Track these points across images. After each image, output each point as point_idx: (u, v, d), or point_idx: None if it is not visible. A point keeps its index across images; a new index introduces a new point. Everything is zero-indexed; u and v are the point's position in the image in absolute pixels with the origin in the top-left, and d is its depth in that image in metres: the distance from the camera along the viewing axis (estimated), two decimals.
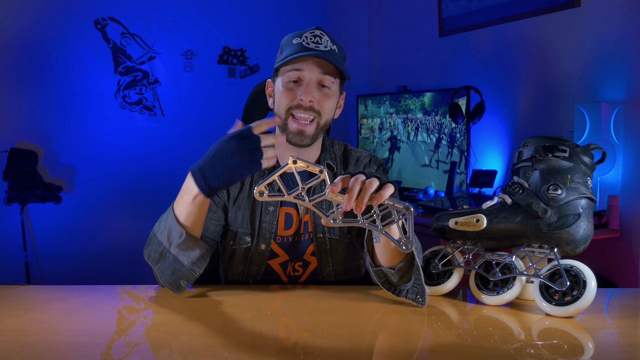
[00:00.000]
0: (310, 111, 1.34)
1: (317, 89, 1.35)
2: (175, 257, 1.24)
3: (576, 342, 1.04)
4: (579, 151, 1.19)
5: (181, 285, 1.26)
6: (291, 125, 1.35)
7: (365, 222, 1.07)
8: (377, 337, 1.07)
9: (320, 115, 1.36)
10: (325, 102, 1.36)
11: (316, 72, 1.34)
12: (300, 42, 1.34)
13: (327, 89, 1.36)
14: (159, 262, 1.26)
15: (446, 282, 1.27)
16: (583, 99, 2.62)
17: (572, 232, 1.16)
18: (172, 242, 1.24)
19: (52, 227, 3.58)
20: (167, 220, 1.26)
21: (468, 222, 1.25)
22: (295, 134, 1.35)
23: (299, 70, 1.34)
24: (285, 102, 1.36)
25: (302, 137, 1.36)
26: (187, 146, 3.85)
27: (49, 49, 3.52)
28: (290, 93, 1.35)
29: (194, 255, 1.24)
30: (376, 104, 3.79)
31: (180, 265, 1.24)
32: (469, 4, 3.26)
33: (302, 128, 1.35)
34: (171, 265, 1.25)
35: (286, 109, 1.36)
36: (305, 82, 1.34)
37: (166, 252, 1.25)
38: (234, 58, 3.96)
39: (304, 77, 1.34)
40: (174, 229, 1.24)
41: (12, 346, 0.98)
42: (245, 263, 1.41)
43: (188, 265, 1.24)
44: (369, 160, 1.49)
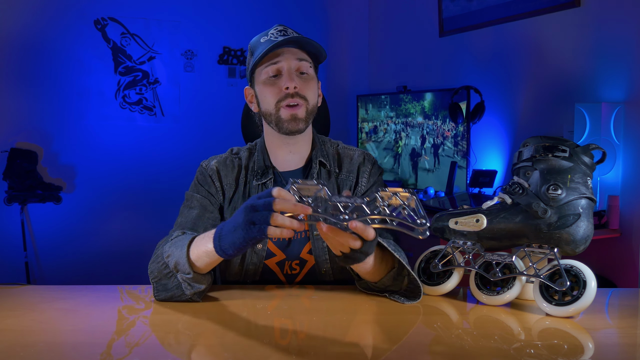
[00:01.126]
0: (297, 97, 1.36)
1: (297, 77, 1.38)
2: (179, 284, 1.21)
3: (576, 342, 1.04)
4: (579, 151, 1.19)
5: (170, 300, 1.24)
6: (283, 114, 1.37)
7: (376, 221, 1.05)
8: (376, 337, 1.07)
9: (307, 101, 1.38)
10: (307, 87, 1.38)
11: (293, 60, 1.37)
12: (268, 38, 1.37)
13: (306, 75, 1.39)
14: (161, 281, 1.23)
15: (446, 282, 1.27)
16: (583, 98, 2.62)
17: (572, 232, 1.16)
18: (179, 271, 1.20)
19: (52, 227, 3.58)
20: (179, 253, 1.20)
21: (468, 222, 1.25)
22: (290, 120, 1.37)
23: (276, 63, 1.37)
24: (271, 97, 1.38)
25: (297, 121, 1.37)
26: (187, 146, 3.85)
27: (49, 49, 3.52)
28: (274, 87, 1.37)
29: (198, 289, 1.21)
30: (376, 107, 3.79)
31: (182, 292, 1.21)
32: (469, 4, 3.26)
33: (294, 112, 1.36)
34: (172, 290, 1.22)
35: (275, 103, 1.37)
36: (285, 71, 1.37)
37: (170, 275, 1.21)
38: (234, 58, 3.96)
39: (283, 67, 1.37)
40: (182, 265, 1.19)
41: (12, 346, 0.98)
42: (243, 263, 1.41)
43: (189, 295, 1.22)
44: (363, 159, 1.49)
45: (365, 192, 1.46)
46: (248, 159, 1.47)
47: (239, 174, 1.45)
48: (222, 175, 1.44)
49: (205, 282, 1.21)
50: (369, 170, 1.47)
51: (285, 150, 1.44)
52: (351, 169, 1.47)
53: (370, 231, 1.04)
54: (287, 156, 1.45)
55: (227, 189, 1.43)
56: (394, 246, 1.23)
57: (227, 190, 1.43)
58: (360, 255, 1.08)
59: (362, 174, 1.47)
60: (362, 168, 1.47)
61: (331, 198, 1.05)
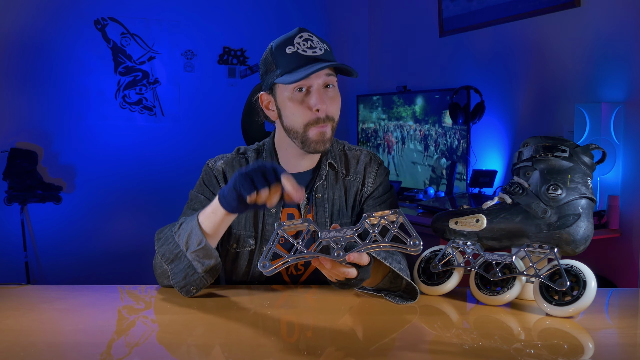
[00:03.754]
0: (328, 121, 1.34)
1: (324, 93, 1.33)
2: (190, 263, 1.24)
3: (576, 342, 1.04)
4: (579, 151, 1.19)
5: (191, 290, 1.26)
6: (311, 134, 1.34)
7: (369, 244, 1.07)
8: (378, 336, 1.07)
9: (334, 120, 1.36)
10: (333, 104, 1.35)
11: (322, 78, 1.32)
12: (295, 51, 1.32)
13: (332, 89, 1.36)
14: (173, 263, 1.26)
15: (446, 282, 1.27)
16: (583, 98, 2.62)
17: (572, 232, 1.16)
18: (189, 247, 1.24)
19: (52, 227, 3.58)
20: (190, 225, 1.25)
21: (468, 222, 1.25)
22: (318, 142, 1.34)
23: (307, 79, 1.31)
24: (300, 118, 1.33)
25: (324, 142, 1.34)
26: (187, 146, 3.85)
27: (49, 49, 3.52)
28: (302, 106, 1.33)
29: (208, 264, 1.25)
30: (376, 107, 3.79)
31: (194, 271, 1.24)
32: (469, 4, 3.26)
33: (322, 130, 1.33)
34: (184, 270, 1.25)
35: (304, 124, 1.33)
36: (315, 90, 1.32)
37: (181, 255, 1.25)
38: (234, 58, 3.96)
39: (312, 85, 1.32)
40: (194, 235, 1.24)
41: (12, 346, 0.98)
42: (250, 265, 1.41)
43: (201, 273, 1.25)
44: (369, 159, 1.49)
45: (371, 192, 1.46)
46: (255, 160, 1.46)
47: None
48: (228, 177, 1.42)
49: (213, 257, 1.25)
50: (375, 171, 1.47)
51: (295, 153, 1.42)
52: (358, 170, 1.47)
53: (364, 258, 1.08)
54: (296, 160, 1.43)
55: None
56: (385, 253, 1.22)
57: None
58: (357, 281, 1.12)
59: (368, 175, 1.47)
60: (368, 169, 1.47)
61: (321, 234, 1.08)
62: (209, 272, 1.26)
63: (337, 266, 1.07)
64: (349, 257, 1.05)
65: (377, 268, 1.22)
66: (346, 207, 1.45)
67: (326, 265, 1.07)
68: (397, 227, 1.07)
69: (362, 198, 1.46)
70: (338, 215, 1.43)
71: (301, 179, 1.44)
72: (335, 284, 1.14)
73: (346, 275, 1.09)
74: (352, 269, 1.08)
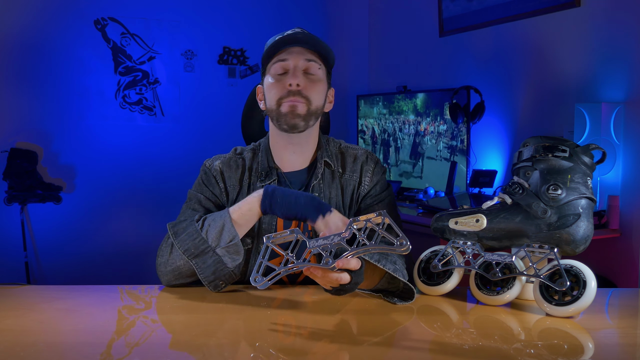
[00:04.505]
0: (299, 96, 1.36)
1: (304, 76, 1.37)
2: (220, 258, 1.26)
3: (576, 342, 1.04)
4: (579, 151, 1.19)
5: (219, 285, 1.28)
6: (283, 108, 1.37)
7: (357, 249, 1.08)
8: (377, 336, 1.07)
9: (310, 101, 1.37)
10: (312, 87, 1.38)
11: (301, 59, 1.37)
12: (282, 37, 1.38)
13: (313, 76, 1.39)
14: (198, 258, 1.26)
15: (446, 282, 1.27)
16: (583, 98, 2.62)
17: (572, 232, 1.16)
18: (220, 243, 1.26)
19: (52, 227, 3.58)
20: (220, 222, 1.27)
21: (468, 222, 1.25)
22: (288, 114, 1.36)
23: (284, 61, 1.37)
24: (274, 93, 1.38)
25: (294, 116, 1.36)
26: (187, 146, 3.85)
27: (49, 49, 3.52)
28: (279, 84, 1.38)
29: (237, 260, 1.28)
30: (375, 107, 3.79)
31: (224, 266, 1.26)
32: (469, 4, 3.26)
33: (293, 104, 1.36)
34: (213, 265, 1.26)
35: (277, 99, 1.38)
36: (291, 69, 1.37)
37: (209, 251, 1.26)
38: (234, 58, 3.96)
39: (289, 66, 1.37)
40: (226, 231, 1.26)
41: (12, 346, 0.98)
42: (247, 265, 1.41)
43: (231, 268, 1.27)
44: (366, 157, 1.49)
45: (368, 191, 1.46)
46: (252, 159, 1.46)
47: (242, 175, 1.44)
48: (226, 177, 1.43)
49: (242, 254, 1.29)
50: (372, 170, 1.47)
51: (289, 150, 1.43)
52: (354, 169, 1.47)
53: (353, 263, 1.09)
54: (291, 157, 1.44)
55: (231, 190, 1.43)
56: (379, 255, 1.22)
57: (230, 192, 1.42)
58: (352, 286, 1.12)
59: (365, 173, 1.47)
60: (365, 167, 1.47)
61: (309, 243, 1.10)
62: (238, 268, 1.29)
63: (329, 273, 1.08)
64: (338, 264, 1.07)
65: (373, 270, 1.23)
66: (343, 206, 1.44)
67: (317, 273, 1.08)
68: (383, 228, 1.08)
69: (359, 197, 1.46)
70: None
71: (297, 177, 1.44)
72: (330, 291, 1.15)
73: (339, 281, 1.09)
74: (344, 275, 1.09)
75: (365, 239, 1.08)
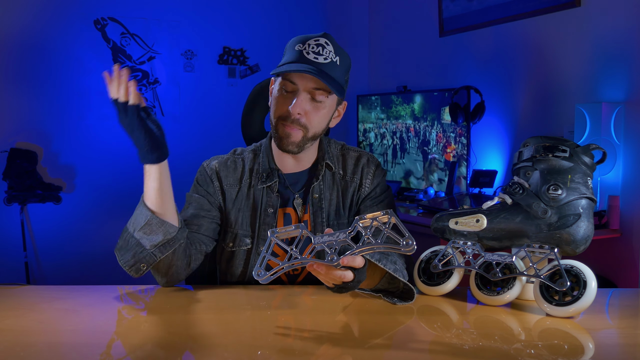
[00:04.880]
0: (296, 124, 1.34)
1: (309, 101, 1.34)
2: (138, 241, 1.26)
3: (576, 343, 1.04)
4: (580, 151, 1.18)
5: (141, 268, 1.26)
6: (280, 130, 1.36)
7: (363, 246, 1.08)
8: (377, 337, 1.07)
9: (307, 129, 1.36)
10: (314, 115, 1.35)
11: (309, 86, 1.33)
12: (301, 49, 1.33)
13: (319, 103, 1.35)
14: (123, 249, 1.27)
15: (446, 283, 1.27)
16: (583, 98, 2.62)
17: (572, 232, 1.15)
18: (136, 227, 1.26)
19: (51, 227, 3.57)
20: (136, 208, 1.30)
21: (468, 222, 1.25)
22: (282, 138, 1.36)
23: (293, 83, 1.34)
24: (276, 110, 1.37)
25: (289, 143, 1.35)
26: (187, 146, 3.84)
27: (48, 49, 3.52)
28: (283, 103, 1.35)
29: (156, 240, 1.25)
30: (376, 107, 3.79)
31: (142, 248, 1.25)
32: (469, 4, 3.26)
33: (288, 131, 1.35)
34: (132, 248, 1.26)
35: (276, 117, 1.37)
36: (299, 94, 1.34)
37: (129, 237, 1.27)
38: (234, 58, 3.96)
39: (298, 89, 1.34)
40: (139, 214, 1.27)
41: (12, 346, 0.98)
42: (246, 265, 1.41)
43: (149, 249, 1.25)
44: (367, 160, 1.49)
45: (368, 193, 1.46)
46: (253, 160, 1.46)
47: (242, 175, 1.44)
48: (222, 176, 1.43)
49: (161, 232, 1.25)
50: (372, 172, 1.47)
51: (288, 155, 1.43)
52: (355, 171, 1.47)
53: (358, 260, 1.08)
54: (291, 160, 1.44)
55: (228, 189, 1.42)
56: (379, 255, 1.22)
57: (227, 191, 1.42)
58: (354, 284, 1.12)
59: (365, 176, 1.47)
60: (365, 169, 1.47)
61: (314, 239, 1.09)
62: (159, 249, 1.26)
63: (333, 270, 1.08)
64: (343, 261, 1.06)
65: (374, 270, 1.22)
66: (343, 207, 1.45)
67: (321, 270, 1.07)
68: (389, 227, 1.08)
69: (359, 199, 1.46)
70: (335, 216, 1.43)
71: (298, 179, 1.44)
72: (332, 288, 1.14)
73: (342, 279, 1.09)
74: (348, 272, 1.08)
75: (370, 237, 1.08)
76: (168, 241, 1.26)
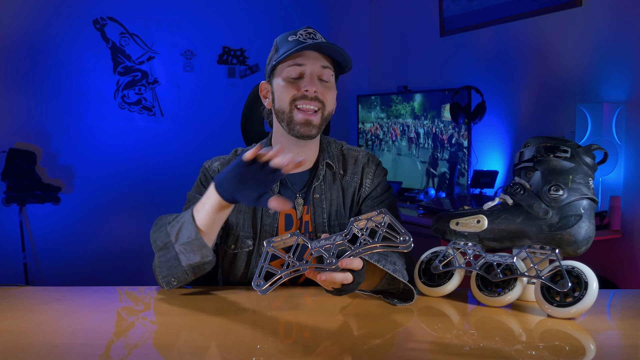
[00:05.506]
0: (316, 101, 1.35)
1: (319, 82, 1.36)
2: (177, 255, 1.25)
3: (578, 344, 1.04)
4: (581, 151, 1.18)
5: (171, 282, 1.27)
6: (297, 116, 1.35)
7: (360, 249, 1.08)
8: (377, 338, 1.06)
9: (324, 106, 1.37)
10: (327, 93, 1.37)
11: (317, 65, 1.35)
12: (296, 38, 1.35)
13: (327, 82, 1.38)
14: (161, 251, 1.26)
15: (447, 283, 1.26)
16: (584, 99, 2.61)
17: (573, 233, 1.15)
18: (178, 239, 1.25)
19: (50, 228, 3.57)
20: (183, 218, 1.26)
21: (469, 223, 1.25)
22: (303, 124, 1.35)
23: (300, 65, 1.35)
24: (288, 95, 1.35)
25: (310, 127, 1.35)
26: (187, 146, 3.85)
27: (47, 48, 3.51)
28: (293, 86, 1.35)
29: (193, 260, 1.25)
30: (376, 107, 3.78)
31: (178, 263, 1.25)
32: (470, 3, 3.25)
33: (308, 118, 1.35)
34: (170, 260, 1.25)
35: (290, 100, 1.35)
36: (308, 75, 1.35)
37: (170, 246, 1.25)
38: (234, 58, 3.95)
39: (306, 71, 1.35)
40: (185, 228, 1.24)
41: (11, 347, 0.97)
42: (248, 266, 1.40)
43: (184, 267, 1.25)
44: (367, 159, 1.49)
45: (369, 193, 1.45)
46: None
47: None
48: None
49: (200, 254, 1.24)
50: (373, 171, 1.47)
51: (293, 152, 1.41)
52: (356, 171, 1.47)
53: (356, 262, 1.08)
54: None
55: None
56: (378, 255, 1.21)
57: None
58: (354, 286, 1.11)
59: (366, 175, 1.46)
60: (366, 169, 1.47)
61: (310, 244, 1.09)
62: (192, 269, 1.26)
63: (332, 274, 1.07)
64: (341, 263, 1.06)
65: (373, 271, 1.22)
66: (344, 207, 1.44)
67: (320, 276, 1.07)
68: (384, 227, 1.07)
69: (360, 198, 1.46)
70: (336, 216, 1.43)
71: (298, 179, 1.43)
72: (331, 292, 1.14)
73: (342, 282, 1.08)
74: (347, 275, 1.08)
75: (367, 237, 1.08)
76: (203, 264, 1.26)
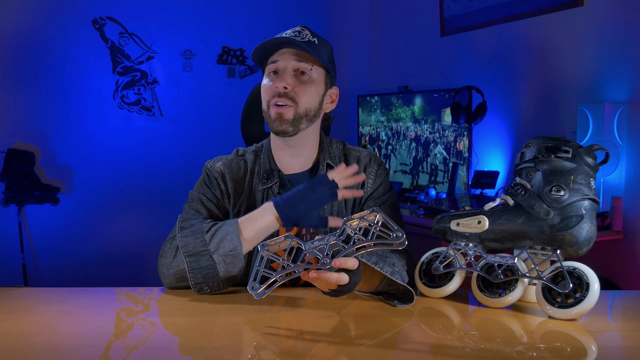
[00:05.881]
0: (284, 97, 1.34)
1: (295, 77, 1.35)
2: (214, 264, 1.24)
3: (579, 345, 1.03)
4: (582, 152, 1.18)
5: (204, 289, 1.26)
6: (272, 113, 1.35)
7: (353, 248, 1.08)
8: (377, 339, 1.06)
9: (297, 103, 1.35)
10: (302, 89, 1.35)
11: (291, 60, 1.35)
12: (272, 39, 1.37)
13: (306, 76, 1.36)
14: (193, 257, 1.25)
15: (448, 284, 1.26)
16: (586, 99, 2.61)
17: (575, 233, 1.15)
18: (219, 250, 1.24)
19: (49, 229, 3.56)
20: (226, 229, 1.26)
21: (470, 224, 1.24)
22: (275, 120, 1.35)
23: (275, 62, 1.36)
24: (267, 93, 1.37)
25: (282, 122, 1.34)
26: (186, 147, 3.84)
27: (46, 48, 3.51)
28: (270, 86, 1.36)
29: (232, 271, 1.25)
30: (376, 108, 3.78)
31: (215, 272, 1.25)
32: (471, 3, 3.25)
33: (279, 111, 1.34)
34: (206, 269, 1.24)
35: (268, 98, 1.36)
36: (281, 70, 1.36)
37: (206, 254, 1.24)
38: (233, 58, 3.95)
39: (280, 67, 1.36)
40: (229, 240, 1.25)
41: (10, 349, 0.97)
42: (248, 266, 1.40)
43: (222, 277, 1.25)
44: (369, 159, 1.48)
45: (371, 193, 1.45)
46: (254, 162, 1.45)
47: (244, 177, 1.43)
48: (227, 179, 1.42)
49: (238, 268, 1.26)
50: (375, 172, 1.46)
51: (288, 153, 1.42)
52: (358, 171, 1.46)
53: (350, 262, 1.08)
54: (292, 159, 1.43)
55: (232, 192, 1.41)
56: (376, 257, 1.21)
57: (231, 194, 1.41)
58: (350, 286, 1.11)
59: (368, 175, 1.46)
60: (368, 169, 1.46)
61: (304, 246, 1.09)
62: (228, 280, 1.27)
63: (327, 275, 1.07)
64: (335, 263, 1.06)
65: (372, 273, 1.22)
66: (345, 208, 1.44)
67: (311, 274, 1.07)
68: (378, 225, 1.07)
69: (362, 199, 1.45)
70: (337, 216, 1.42)
71: (298, 179, 1.43)
72: (328, 293, 1.13)
73: (338, 282, 1.08)
74: (344, 275, 1.08)
75: (361, 236, 1.07)
76: (236, 276, 1.27)
